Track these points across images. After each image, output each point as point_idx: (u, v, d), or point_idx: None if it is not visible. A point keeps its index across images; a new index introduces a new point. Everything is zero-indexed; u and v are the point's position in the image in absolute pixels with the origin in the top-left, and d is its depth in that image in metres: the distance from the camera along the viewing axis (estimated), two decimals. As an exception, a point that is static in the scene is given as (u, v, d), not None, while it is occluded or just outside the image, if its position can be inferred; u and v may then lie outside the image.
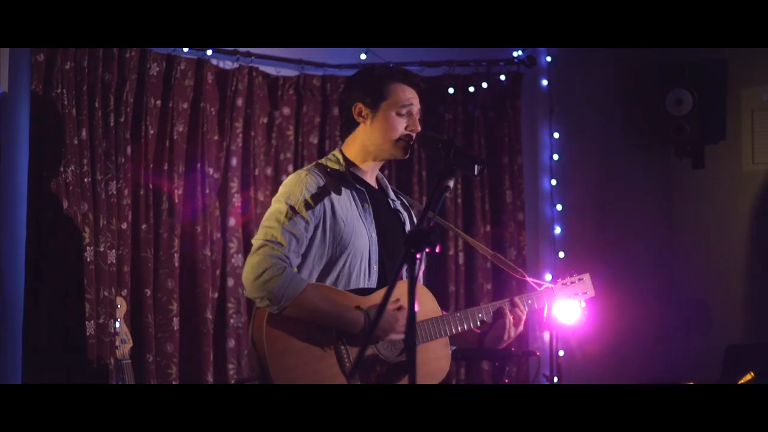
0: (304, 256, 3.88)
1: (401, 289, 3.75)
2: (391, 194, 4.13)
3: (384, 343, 3.83)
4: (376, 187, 4.08)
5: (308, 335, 3.75)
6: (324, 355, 3.76)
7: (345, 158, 4.01)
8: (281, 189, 3.92)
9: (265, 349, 3.70)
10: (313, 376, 3.73)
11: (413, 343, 3.00)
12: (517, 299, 4.05)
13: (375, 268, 3.93)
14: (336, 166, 3.97)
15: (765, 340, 6.54)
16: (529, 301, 4.11)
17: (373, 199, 4.00)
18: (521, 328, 4.02)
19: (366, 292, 3.88)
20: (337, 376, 3.76)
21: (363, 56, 6.28)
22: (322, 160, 4.04)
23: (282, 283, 3.68)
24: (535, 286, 4.19)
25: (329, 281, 3.87)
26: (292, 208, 3.82)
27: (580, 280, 4.26)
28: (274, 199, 3.92)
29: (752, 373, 6.22)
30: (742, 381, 6.22)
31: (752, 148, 6.75)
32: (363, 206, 3.95)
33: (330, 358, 3.77)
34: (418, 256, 3.06)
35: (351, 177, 3.97)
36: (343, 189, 3.93)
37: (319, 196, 3.86)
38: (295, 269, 3.84)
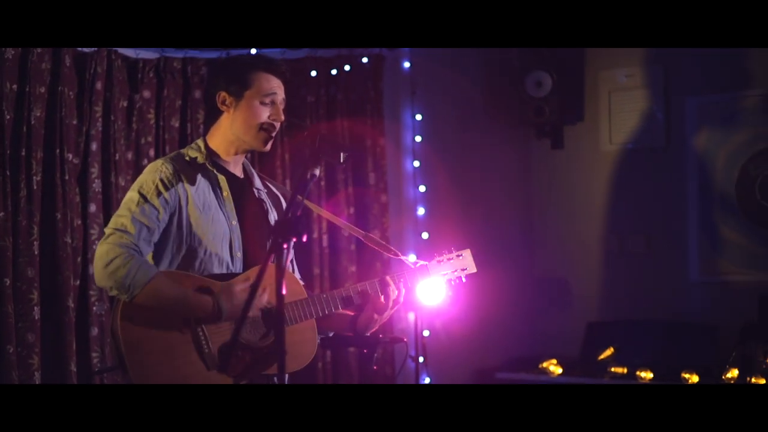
0: (163, 246, 3.86)
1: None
2: (257, 183, 4.12)
3: (246, 326, 3.81)
4: (241, 176, 4.07)
5: (164, 322, 3.73)
6: (181, 341, 3.74)
7: (207, 147, 4.00)
8: (138, 178, 3.91)
9: (120, 337, 3.68)
10: (169, 363, 3.72)
11: (282, 334, 2.99)
12: (388, 278, 4.02)
13: (239, 255, 3.93)
14: (196, 155, 3.96)
15: (623, 316, 6.71)
16: (402, 280, 4.10)
17: (235, 188, 3.99)
18: (393, 308, 4.02)
19: (228, 277, 3.87)
20: (196, 362, 3.75)
21: (224, 38, 6.21)
22: (184, 150, 4.02)
23: (128, 271, 3.66)
24: (409, 264, 4.15)
25: (193, 270, 3.85)
26: (143, 196, 3.81)
27: (458, 256, 4.19)
28: (130, 188, 3.90)
29: (612, 349, 6.40)
30: (602, 356, 6.39)
31: (609, 129, 6.91)
32: (222, 195, 3.94)
33: (187, 343, 3.75)
34: (284, 245, 3.06)
35: (212, 165, 3.95)
36: (200, 178, 3.92)
37: (173, 185, 3.84)
38: (150, 257, 3.83)
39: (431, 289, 4.24)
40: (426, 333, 6.60)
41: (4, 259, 5.30)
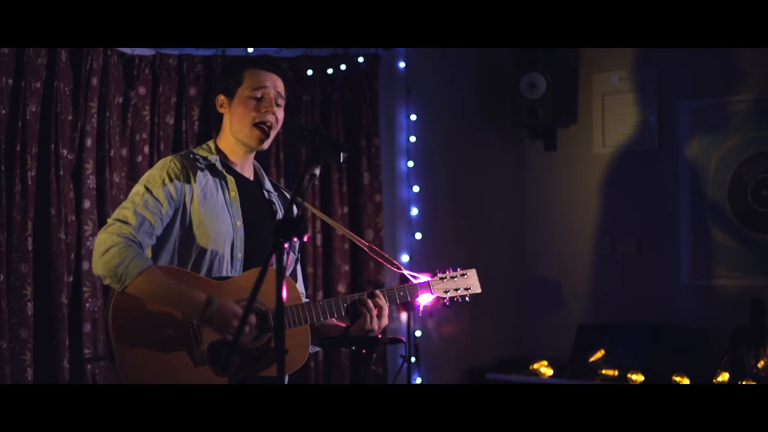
0: (165, 241, 3.88)
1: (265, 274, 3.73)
2: (268, 185, 4.13)
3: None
4: (252, 178, 4.09)
5: (157, 315, 3.75)
6: (171, 335, 3.75)
7: (217, 148, 4.03)
8: (146, 172, 3.94)
9: (110, 327, 3.71)
10: (157, 356, 3.73)
11: (282, 333, 2.99)
12: (378, 291, 4.03)
13: (239, 256, 3.93)
14: (206, 155, 3.98)
15: (614, 319, 6.72)
16: (401, 293, 4.08)
17: (243, 189, 4.00)
18: (385, 320, 4.01)
19: (225, 279, 3.89)
20: (184, 358, 3.75)
21: (221, 36, 6.21)
22: (195, 149, 4.05)
23: (122, 260, 3.69)
24: (410, 278, 4.12)
25: (191, 267, 3.86)
26: (148, 190, 3.84)
27: (463, 275, 4.19)
28: (138, 182, 3.93)
29: (603, 351, 6.41)
30: (593, 359, 6.40)
31: (603, 132, 6.93)
32: (230, 195, 3.95)
33: (177, 338, 3.76)
34: (285, 245, 3.06)
35: (221, 166, 3.96)
36: (209, 177, 3.94)
37: (180, 181, 3.87)
38: (150, 250, 3.85)
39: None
40: (418, 333, 6.62)
41: (-3, 254, 5.30)
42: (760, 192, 6.43)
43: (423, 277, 4.13)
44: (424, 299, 4.16)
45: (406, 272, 4.15)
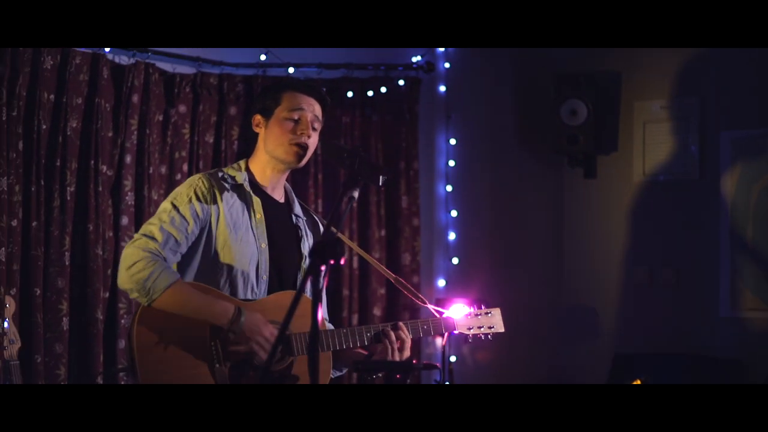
0: (190, 259, 3.92)
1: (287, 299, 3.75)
2: (297, 209, 4.13)
3: (261, 349, 3.80)
4: (282, 200, 4.10)
5: (181, 332, 3.77)
6: (194, 353, 3.78)
7: (248, 169, 4.05)
8: (174, 190, 3.99)
9: (134, 340, 3.73)
10: (179, 373, 3.75)
11: (316, 356, 2.98)
12: (401, 323, 4.05)
13: (264, 278, 3.97)
14: (236, 174, 3.99)
15: (651, 349, 6.65)
16: (425, 327, 4.11)
17: (270, 211, 4.02)
18: (407, 352, 4.02)
19: (251, 300, 3.91)
20: (205, 376, 3.78)
21: (263, 57, 6.23)
22: (225, 168, 4.07)
23: (150, 274, 3.71)
24: (435, 313, 4.17)
25: (217, 286, 3.88)
26: (175, 207, 3.88)
27: (487, 314, 4.24)
28: (165, 198, 3.97)
29: (639, 381, 6.34)
30: (629, 389, 6.33)
31: (643, 160, 6.86)
32: (254, 216, 3.96)
33: (200, 356, 3.79)
34: (322, 267, 3.05)
35: (249, 187, 3.97)
36: (236, 197, 3.97)
37: (207, 200, 3.90)
38: (174, 267, 3.88)
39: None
40: (453, 359, 6.58)
41: (35, 268, 5.32)
42: (802, 224, 6.36)
43: (448, 313, 4.17)
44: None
45: (430, 307, 4.18)
